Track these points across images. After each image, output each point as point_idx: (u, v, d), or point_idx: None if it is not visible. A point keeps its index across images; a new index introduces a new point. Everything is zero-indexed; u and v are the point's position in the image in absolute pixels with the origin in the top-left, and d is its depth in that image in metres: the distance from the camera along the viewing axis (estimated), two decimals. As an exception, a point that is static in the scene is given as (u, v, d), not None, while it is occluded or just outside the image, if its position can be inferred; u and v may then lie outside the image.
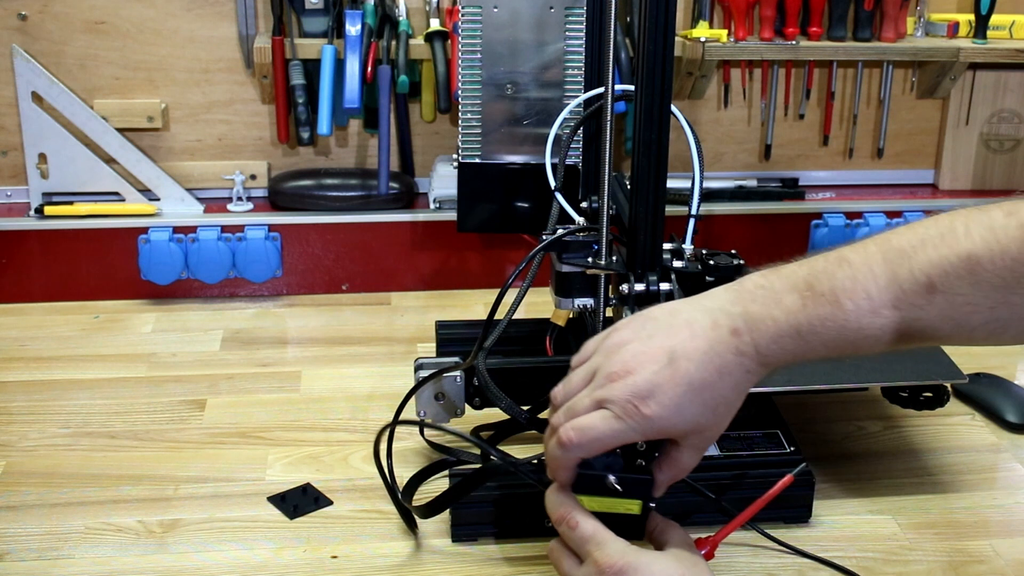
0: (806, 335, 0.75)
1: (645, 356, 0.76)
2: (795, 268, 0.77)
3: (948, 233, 0.72)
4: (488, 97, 1.21)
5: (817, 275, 0.75)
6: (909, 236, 0.74)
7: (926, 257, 0.72)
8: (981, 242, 0.70)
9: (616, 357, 0.77)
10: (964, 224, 0.71)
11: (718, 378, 0.76)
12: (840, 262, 0.75)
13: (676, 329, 0.77)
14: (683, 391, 0.75)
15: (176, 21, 1.52)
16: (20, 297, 1.48)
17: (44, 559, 0.94)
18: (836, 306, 0.74)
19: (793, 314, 0.75)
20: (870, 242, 0.75)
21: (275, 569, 0.93)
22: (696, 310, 0.78)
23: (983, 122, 1.69)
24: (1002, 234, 0.70)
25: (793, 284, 0.76)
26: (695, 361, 0.75)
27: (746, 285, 0.78)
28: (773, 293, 0.76)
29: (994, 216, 0.71)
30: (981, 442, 1.15)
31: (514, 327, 1.19)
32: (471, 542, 0.97)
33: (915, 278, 0.72)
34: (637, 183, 0.95)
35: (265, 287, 1.52)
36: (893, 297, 0.73)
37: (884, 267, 0.73)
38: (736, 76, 1.63)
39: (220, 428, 1.16)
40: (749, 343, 0.76)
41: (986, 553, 0.97)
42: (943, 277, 0.71)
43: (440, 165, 1.57)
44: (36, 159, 1.49)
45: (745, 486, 0.99)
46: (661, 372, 0.75)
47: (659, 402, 0.75)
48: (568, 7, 1.18)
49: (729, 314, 0.76)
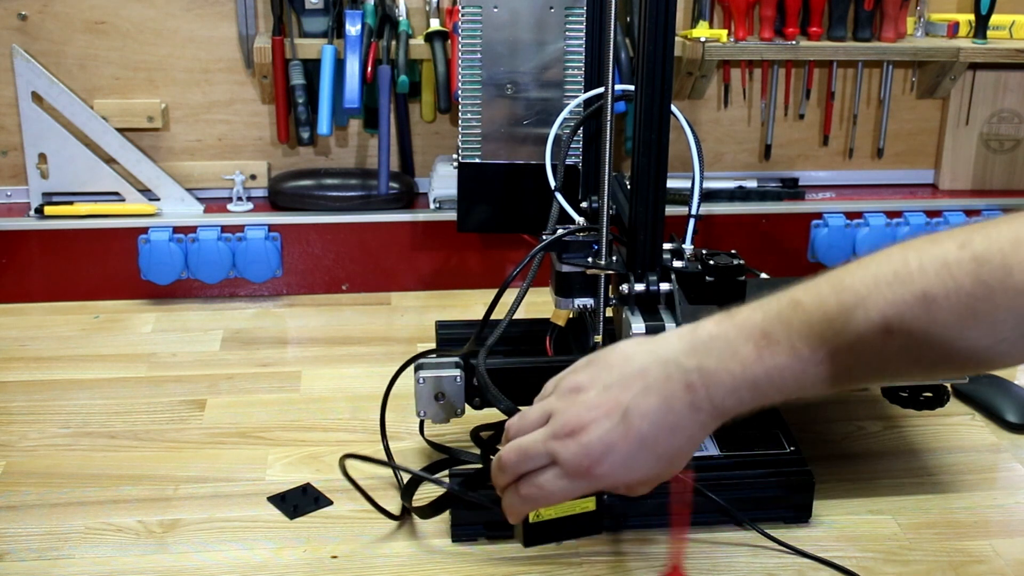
0: (762, 386, 0.74)
1: (599, 411, 0.77)
2: (748, 314, 0.75)
3: (902, 270, 0.70)
4: (488, 97, 1.21)
5: (771, 321, 0.74)
6: (862, 274, 0.71)
7: (881, 297, 0.70)
8: (936, 279, 0.68)
9: (572, 409, 0.78)
10: (918, 259, 0.69)
11: (672, 434, 0.76)
12: (794, 307, 0.73)
13: (630, 381, 0.77)
14: (636, 449, 0.76)
15: (176, 21, 1.52)
16: (20, 297, 1.48)
17: (44, 559, 0.94)
18: (792, 355, 0.73)
19: (749, 366, 0.74)
20: (823, 282, 0.73)
21: (275, 569, 0.93)
22: (650, 359, 0.77)
23: (983, 122, 1.69)
24: (956, 269, 0.68)
25: (748, 333, 0.74)
26: (648, 418, 0.75)
27: (700, 334, 0.77)
28: (728, 344, 0.75)
29: (947, 249, 0.68)
30: (981, 442, 1.15)
31: (514, 327, 1.19)
32: (471, 542, 0.97)
33: (870, 320, 0.70)
34: (637, 183, 0.95)
35: (265, 287, 1.52)
36: (850, 341, 0.71)
37: (839, 311, 0.71)
38: (736, 76, 1.63)
39: (220, 428, 1.16)
40: (705, 398, 0.75)
41: (986, 553, 0.97)
42: (899, 318, 0.69)
43: (440, 165, 1.57)
44: (36, 159, 1.49)
45: (745, 486, 0.99)
46: (614, 430, 0.76)
47: (611, 462, 0.76)
48: (568, 7, 1.18)
49: (683, 368, 0.76)
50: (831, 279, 0.73)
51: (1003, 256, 0.67)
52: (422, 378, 1.04)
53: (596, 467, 0.76)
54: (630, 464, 0.76)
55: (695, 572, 0.93)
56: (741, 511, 0.98)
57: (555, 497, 0.78)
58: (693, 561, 0.95)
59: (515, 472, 0.79)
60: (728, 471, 0.99)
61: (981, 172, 1.70)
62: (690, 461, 0.79)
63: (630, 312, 0.99)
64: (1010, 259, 0.66)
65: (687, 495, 0.88)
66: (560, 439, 0.77)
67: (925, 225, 1.58)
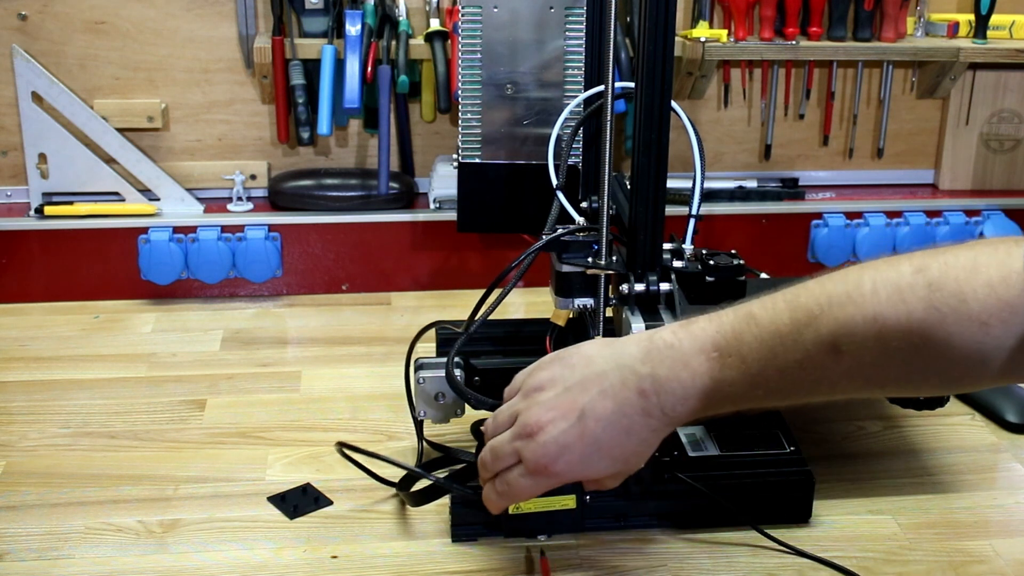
0: (712, 396, 0.77)
1: (557, 412, 0.80)
2: (704, 326, 0.77)
3: (855, 291, 0.70)
4: (488, 97, 1.21)
5: (725, 335, 0.76)
6: (818, 293, 0.72)
7: (832, 317, 0.71)
8: (887, 302, 0.68)
9: (532, 409, 0.81)
10: (872, 281, 0.70)
11: (625, 437, 0.79)
12: (748, 321, 0.75)
13: (588, 383, 0.80)
14: (591, 450, 0.79)
15: (176, 21, 1.52)
16: (20, 297, 1.48)
17: (44, 559, 0.94)
18: (742, 369, 0.75)
19: (700, 377, 0.76)
20: (780, 297, 0.75)
21: (275, 569, 0.93)
22: (609, 364, 0.80)
23: (983, 122, 1.69)
24: (909, 294, 0.68)
25: (701, 345, 0.77)
26: (603, 421, 0.79)
27: (656, 342, 0.79)
28: (681, 355, 0.77)
29: (902, 272, 0.69)
30: (981, 442, 1.15)
31: (514, 327, 1.19)
32: (471, 542, 0.97)
33: (820, 339, 0.71)
34: (637, 183, 0.96)
35: (265, 287, 1.52)
36: (799, 358, 0.73)
37: (791, 328, 0.73)
38: (736, 76, 1.63)
39: (220, 428, 1.16)
40: (656, 405, 0.78)
41: (986, 553, 0.97)
42: (848, 339, 0.70)
43: (440, 165, 1.57)
44: (36, 159, 1.49)
45: (745, 486, 0.99)
46: (570, 431, 0.79)
47: (567, 461, 0.79)
48: (568, 7, 1.18)
49: (638, 374, 0.78)
50: (787, 295, 0.74)
51: (958, 284, 0.66)
52: (422, 378, 1.04)
53: (553, 465, 0.80)
54: (586, 463, 0.80)
55: (695, 572, 0.93)
56: (741, 511, 0.98)
57: (523, 493, 0.83)
58: (693, 561, 0.95)
59: (492, 470, 0.84)
60: (728, 471, 0.99)
61: (981, 172, 1.70)
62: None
63: (630, 312, 0.99)
64: (964, 287, 0.66)
65: None
66: (522, 439, 0.81)
67: (925, 225, 1.58)
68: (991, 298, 0.65)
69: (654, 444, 0.80)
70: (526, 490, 0.82)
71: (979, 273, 0.66)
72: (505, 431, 0.83)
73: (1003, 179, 1.71)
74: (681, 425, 0.81)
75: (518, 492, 0.83)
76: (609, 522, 0.98)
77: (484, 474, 0.85)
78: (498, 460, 0.83)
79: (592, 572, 0.93)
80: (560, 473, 0.80)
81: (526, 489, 0.82)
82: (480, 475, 0.86)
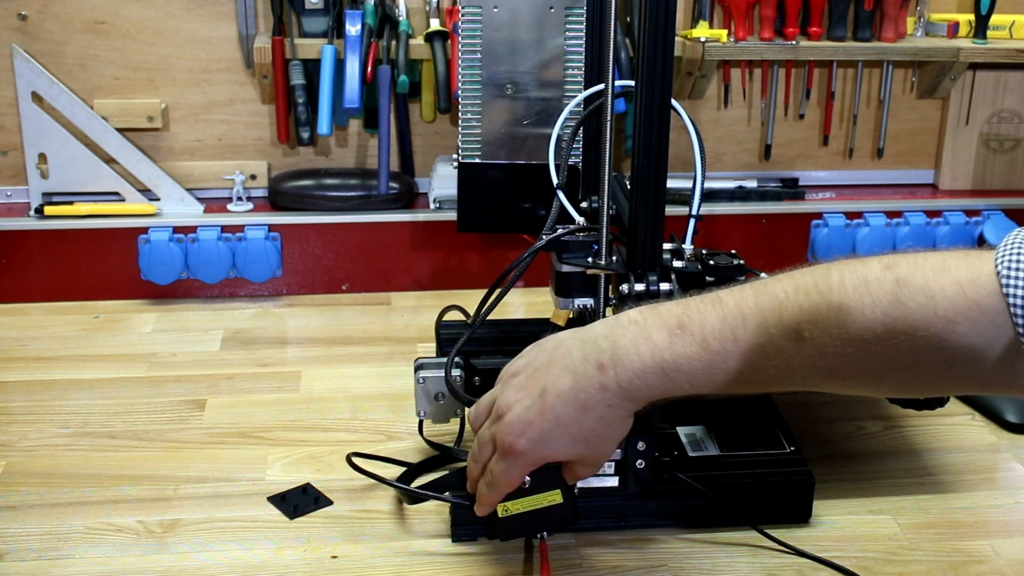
0: (671, 372, 0.76)
1: (523, 392, 0.81)
2: (671, 307, 0.78)
3: (822, 281, 0.71)
4: (488, 97, 1.21)
5: (690, 314, 0.77)
6: (785, 283, 0.74)
7: (797, 304, 0.72)
8: (853, 293, 0.69)
9: (505, 393, 0.83)
10: (839, 274, 0.71)
11: (582, 413, 0.79)
12: (715, 303, 0.76)
13: (554, 362, 0.81)
14: (550, 426, 0.80)
15: (176, 21, 1.52)
16: (20, 297, 1.48)
17: (44, 559, 0.94)
18: (703, 347, 0.75)
19: (659, 351, 0.76)
20: (748, 287, 0.76)
21: (275, 569, 0.93)
22: (575, 343, 0.81)
23: (983, 122, 1.69)
24: (876, 287, 0.68)
25: (664, 322, 0.77)
26: (561, 397, 0.79)
27: (621, 320, 0.80)
28: (644, 329, 0.78)
29: (871, 268, 0.70)
30: (981, 442, 1.15)
31: (514, 327, 1.19)
32: (471, 542, 0.97)
33: (784, 325, 0.72)
34: (637, 183, 0.95)
35: (265, 287, 1.52)
36: (761, 341, 0.73)
37: (755, 312, 0.74)
38: (736, 76, 1.63)
39: (220, 428, 1.16)
40: (613, 378, 0.78)
41: (986, 553, 0.97)
42: (812, 326, 0.71)
43: (440, 165, 1.57)
44: (36, 159, 1.49)
45: (745, 486, 0.99)
46: (531, 408, 0.80)
47: (528, 438, 0.80)
48: (568, 7, 1.18)
49: (599, 348, 0.79)
50: (756, 284, 0.76)
51: (925, 281, 0.67)
52: (422, 378, 1.04)
53: (516, 443, 0.81)
54: (547, 440, 0.80)
55: (695, 572, 0.93)
56: (741, 511, 0.98)
57: (501, 479, 0.83)
58: (693, 561, 0.95)
59: (480, 462, 0.85)
60: (728, 471, 0.99)
61: (981, 172, 1.70)
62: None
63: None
64: (932, 284, 0.67)
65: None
66: (495, 422, 0.83)
67: (925, 225, 1.58)
68: (959, 296, 0.65)
69: (613, 424, 0.80)
70: (502, 476, 0.83)
71: (948, 272, 0.66)
72: (485, 420, 0.85)
73: (1003, 179, 1.71)
74: (640, 405, 0.79)
75: (498, 480, 0.83)
76: (609, 522, 0.98)
77: (474, 468, 0.86)
78: (482, 448, 0.84)
79: (592, 572, 0.93)
80: (523, 451, 0.81)
81: (502, 475, 0.83)
82: (470, 472, 0.87)
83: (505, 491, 0.85)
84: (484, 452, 0.84)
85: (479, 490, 0.86)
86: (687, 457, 1.00)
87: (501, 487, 0.85)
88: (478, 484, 0.86)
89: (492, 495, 0.85)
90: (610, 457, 0.90)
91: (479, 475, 0.86)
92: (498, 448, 0.82)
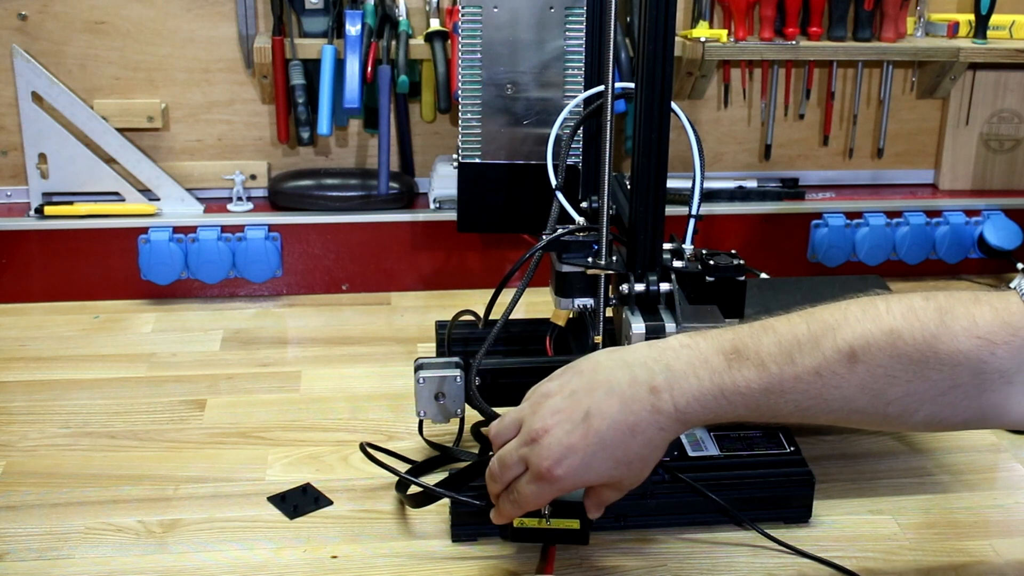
0: (730, 396, 0.77)
1: (562, 415, 0.80)
2: (720, 333, 0.79)
3: (870, 309, 0.76)
4: (488, 97, 1.21)
5: (743, 340, 0.77)
6: (832, 311, 0.77)
7: (850, 329, 0.75)
8: (902, 319, 0.74)
9: (538, 414, 0.81)
10: (885, 303, 0.76)
11: (630, 436, 0.78)
12: (766, 330, 0.78)
13: (596, 385, 0.80)
14: (594, 450, 0.79)
15: (176, 21, 1.52)
16: (20, 297, 1.48)
17: (44, 559, 0.94)
18: (761, 370, 0.76)
19: (718, 374, 0.77)
20: (795, 315, 0.78)
21: (275, 569, 0.93)
22: (617, 365, 0.80)
23: (983, 122, 1.69)
24: (921, 313, 0.74)
25: (719, 346, 0.78)
26: (608, 419, 0.78)
27: (671, 343, 0.80)
28: (699, 353, 0.78)
29: (913, 299, 0.76)
30: (981, 442, 1.15)
31: (514, 327, 1.19)
32: (471, 542, 0.97)
33: (838, 347, 0.75)
34: (637, 183, 0.95)
35: (265, 287, 1.52)
36: (817, 364, 0.75)
37: (809, 336, 0.76)
38: (736, 76, 1.63)
39: (220, 428, 1.16)
40: (668, 401, 0.77)
41: (986, 553, 0.97)
42: (865, 348, 0.75)
43: (440, 165, 1.56)
44: (36, 159, 1.49)
45: (745, 486, 0.99)
46: (574, 432, 0.79)
47: (568, 464, 0.79)
48: (568, 7, 1.18)
49: (650, 370, 0.78)
50: (803, 313, 0.78)
51: (965, 308, 0.74)
52: (422, 378, 1.04)
53: (555, 468, 0.79)
54: (589, 465, 0.79)
55: (695, 572, 0.93)
56: (741, 511, 0.98)
57: (530, 502, 0.82)
58: (693, 561, 0.95)
59: (502, 481, 0.83)
60: (728, 471, 0.99)
61: (981, 172, 1.70)
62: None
63: (630, 312, 0.99)
64: (971, 309, 0.74)
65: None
66: (528, 444, 0.81)
67: (925, 225, 1.58)
68: (996, 320, 0.72)
69: (659, 447, 0.80)
70: (531, 497, 0.81)
71: (981, 302, 0.74)
72: (511, 440, 0.83)
73: (1003, 179, 1.71)
74: (688, 429, 0.80)
75: (525, 500, 0.82)
76: (609, 522, 0.97)
77: (493, 486, 0.85)
78: (506, 469, 0.82)
79: (592, 572, 0.93)
80: (562, 477, 0.79)
81: (531, 496, 0.81)
82: (489, 488, 0.85)
83: (530, 510, 0.84)
84: (507, 473, 0.83)
85: (501, 503, 0.85)
86: (687, 457, 1.00)
87: (528, 507, 0.84)
88: (500, 497, 0.85)
89: (515, 511, 0.84)
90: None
91: (499, 492, 0.85)
92: (532, 471, 0.80)
